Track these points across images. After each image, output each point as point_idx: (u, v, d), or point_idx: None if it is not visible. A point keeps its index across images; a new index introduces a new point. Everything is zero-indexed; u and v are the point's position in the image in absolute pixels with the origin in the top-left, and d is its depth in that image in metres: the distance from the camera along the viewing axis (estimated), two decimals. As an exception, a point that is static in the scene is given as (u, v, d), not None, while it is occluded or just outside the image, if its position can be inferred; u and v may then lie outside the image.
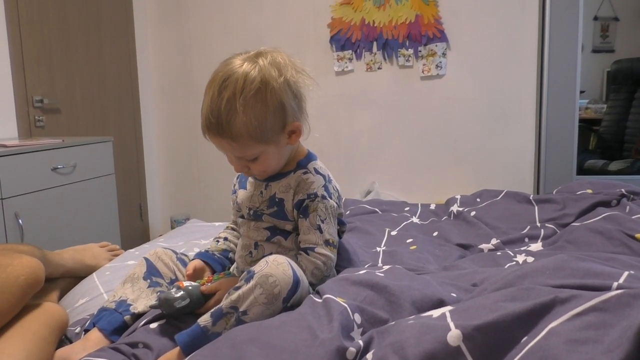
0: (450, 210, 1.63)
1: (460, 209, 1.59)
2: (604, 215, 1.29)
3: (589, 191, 1.49)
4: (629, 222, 1.21)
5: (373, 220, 1.55)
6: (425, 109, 2.84)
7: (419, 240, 1.37)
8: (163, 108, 3.33)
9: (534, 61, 2.65)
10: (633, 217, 1.24)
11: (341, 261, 1.10)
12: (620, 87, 3.64)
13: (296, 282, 0.88)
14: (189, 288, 0.95)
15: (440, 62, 2.76)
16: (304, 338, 0.74)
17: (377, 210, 1.67)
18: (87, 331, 0.98)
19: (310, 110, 1.02)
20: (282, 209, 1.02)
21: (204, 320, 0.86)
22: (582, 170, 3.19)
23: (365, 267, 1.07)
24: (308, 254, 0.99)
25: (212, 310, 0.87)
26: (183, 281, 0.99)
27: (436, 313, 0.75)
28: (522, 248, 1.28)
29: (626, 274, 0.78)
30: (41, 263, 1.03)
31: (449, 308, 0.75)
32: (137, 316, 0.99)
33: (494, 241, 1.33)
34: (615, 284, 0.75)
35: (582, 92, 3.44)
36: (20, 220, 1.85)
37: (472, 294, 0.87)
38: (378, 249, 1.31)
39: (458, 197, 1.69)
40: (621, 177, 2.92)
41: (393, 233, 1.43)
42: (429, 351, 0.66)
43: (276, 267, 0.87)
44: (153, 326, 0.93)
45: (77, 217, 2.14)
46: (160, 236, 1.74)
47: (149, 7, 3.24)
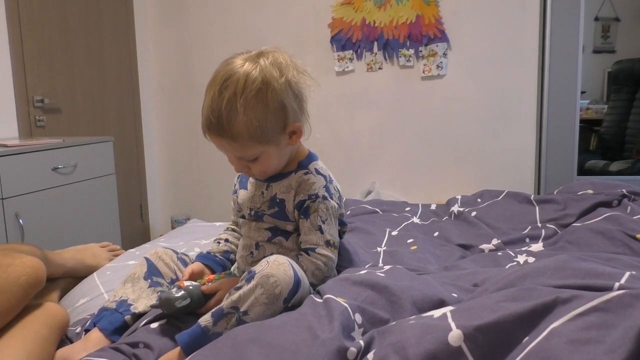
0: (451, 210, 1.63)
1: (461, 209, 1.58)
2: (605, 215, 1.28)
3: (590, 191, 1.49)
4: (630, 223, 1.21)
5: (374, 220, 1.55)
6: (426, 109, 2.83)
7: (420, 240, 1.36)
8: (163, 108, 3.33)
9: (535, 61, 2.64)
10: (634, 218, 1.24)
11: (342, 261, 1.10)
12: (621, 88, 3.64)
13: (297, 283, 0.88)
14: (190, 288, 0.95)
15: (441, 63, 2.76)
16: (305, 338, 0.74)
17: (378, 210, 1.67)
18: (88, 331, 0.98)
19: (310, 110, 1.02)
20: (283, 210, 1.02)
21: (205, 320, 0.86)
22: (583, 170, 3.19)
23: (366, 267, 1.07)
24: (309, 255, 0.98)
25: (213, 310, 0.87)
26: (184, 281, 0.99)
27: (437, 313, 0.75)
28: (523, 248, 1.28)
29: (627, 275, 0.78)
30: (42, 263, 1.03)
31: (450, 308, 0.75)
32: (138, 316, 0.99)
33: (495, 241, 1.33)
34: (616, 285, 0.75)
35: (583, 93, 3.43)
36: (20, 220, 1.85)
37: (473, 294, 0.86)
38: (379, 249, 1.31)
39: (459, 198, 1.69)
40: (622, 178, 2.92)
41: (394, 233, 1.43)
42: (430, 351, 0.66)
43: (277, 268, 0.87)
44: (154, 326, 0.93)
45: (78, 217, 2.14)
46: (160, 236, 1.74)
47: (150, 7, 3.24)
